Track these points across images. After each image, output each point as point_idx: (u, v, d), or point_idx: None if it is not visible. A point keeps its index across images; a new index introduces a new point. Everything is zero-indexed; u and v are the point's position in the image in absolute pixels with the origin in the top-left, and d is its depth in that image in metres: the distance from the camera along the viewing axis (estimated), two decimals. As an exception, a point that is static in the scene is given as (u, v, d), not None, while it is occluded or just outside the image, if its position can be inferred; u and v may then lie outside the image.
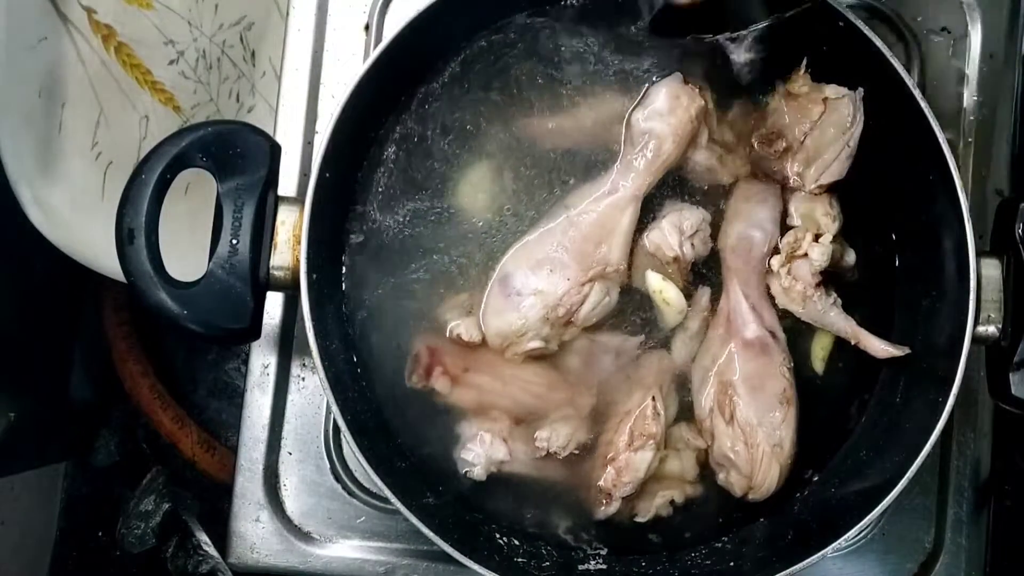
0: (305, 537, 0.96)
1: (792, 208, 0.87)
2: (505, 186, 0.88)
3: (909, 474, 0.78)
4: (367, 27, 0.98)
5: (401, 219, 0.88)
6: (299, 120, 0.97)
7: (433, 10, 0.82)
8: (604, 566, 0.85)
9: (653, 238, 0.86)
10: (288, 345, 0.97)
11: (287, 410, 0.97)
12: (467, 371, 0.86)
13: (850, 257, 0.87)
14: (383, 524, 0.96)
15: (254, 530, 0.96)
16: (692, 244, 0.85)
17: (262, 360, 0.97)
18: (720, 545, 0.87)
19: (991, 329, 0.81)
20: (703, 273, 0.88)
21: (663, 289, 0.86)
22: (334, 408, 0.79)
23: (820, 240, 0.84)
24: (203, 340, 1.04)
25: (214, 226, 0.78)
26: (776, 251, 0.86)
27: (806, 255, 0.84)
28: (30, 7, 1.05)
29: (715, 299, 0.88)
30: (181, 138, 0.77)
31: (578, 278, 0.83)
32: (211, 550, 1.25)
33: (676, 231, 0.85)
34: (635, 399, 0.85)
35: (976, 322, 0.79)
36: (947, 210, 0.80)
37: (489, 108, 0.88)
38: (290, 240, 0.80)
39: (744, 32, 0.85)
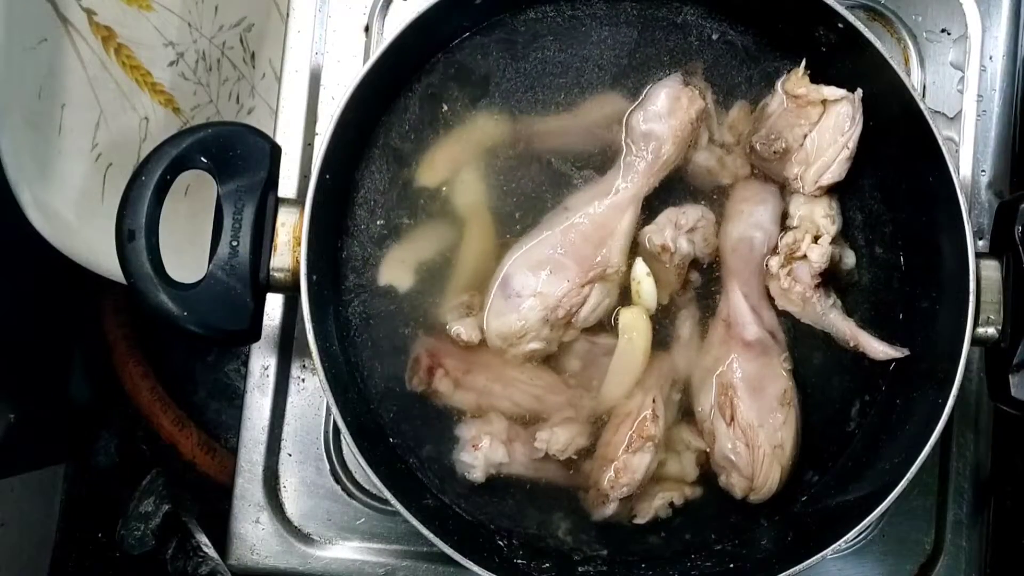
0: (305, 538, 0.96)
1: (791, 210, 0.87)
2: (505, 187, 0.88)
3: (909, 475, 0.78)
4: (367, 29, 0.98)
5: (401, 220, 0.88)
6: (299, 122, 0.97)
7: (433, 11, 0.82)
8: (604, 568, 0.85)
9: (648, 230, 0.86)
10: (288, 347, 0.97)
11: (287, 412, 0.97)
12: (467, 373, 0.86)
13: (849, 259, 0.87)
14: (383, 525, 0.96)
15: (254, 531, 0.96)
16: (690, 241, 0.85)
17: (262, 362, 0.97)
18: (720, 547, 0.87)
19: (991, 331, 0.81)
20: (703, 274, 0.88)
21: (642, 281, 0.86)
22: (334, 410, 0.79)
23: (819, 242, 0.84)
24: (203, 342, 1.04)
25: (214, 227, 0.78)
26: (775, 252, 0.86)
27: (805, 257, 0.84)
28: (30, 8, 1.05)
29: (710, 308, 0.88)
30: (181, 139, 0.77)
31: (578, 280, 0.83)
32: (211, 551, 1.25)
33: (671, 225, 0.85)
34: (634, 401, 0.85)
35: (976, 324, 0.79)
36: (946, 211, 0.80)
37: (489, 109, 0.88)
38: (290, 242, 0.80)
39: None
